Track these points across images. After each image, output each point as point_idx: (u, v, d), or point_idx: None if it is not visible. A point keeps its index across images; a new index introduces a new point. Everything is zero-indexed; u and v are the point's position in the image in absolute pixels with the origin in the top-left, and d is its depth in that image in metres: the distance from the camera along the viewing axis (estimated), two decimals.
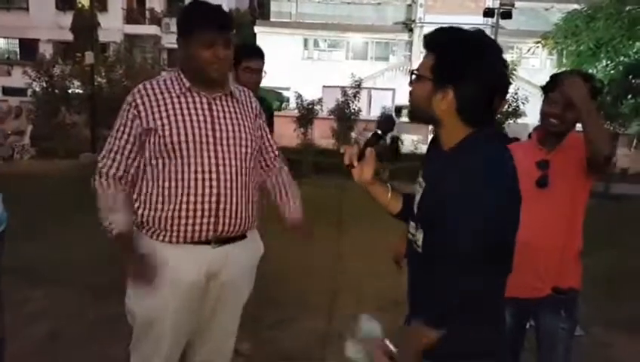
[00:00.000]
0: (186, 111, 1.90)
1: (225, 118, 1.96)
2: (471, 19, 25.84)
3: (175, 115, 1.89)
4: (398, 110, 17.60)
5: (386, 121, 1.61)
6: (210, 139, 1.91)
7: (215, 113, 1.95)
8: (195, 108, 1.92)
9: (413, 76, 1.41)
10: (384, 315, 1.58)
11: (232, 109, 2.00)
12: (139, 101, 1.89)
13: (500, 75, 1.36)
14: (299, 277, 4.47)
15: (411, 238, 1.50)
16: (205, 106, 1.94)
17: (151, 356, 1.99)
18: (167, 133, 1.87)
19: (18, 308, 3.57)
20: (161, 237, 1.91)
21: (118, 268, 2.03)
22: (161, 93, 1.91)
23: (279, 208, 2.22)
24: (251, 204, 2.03)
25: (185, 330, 2.02)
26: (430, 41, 1.39)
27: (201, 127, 1.90)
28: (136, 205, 1.95)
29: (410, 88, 1.42)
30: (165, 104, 1.89)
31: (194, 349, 2.14)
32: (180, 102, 1.91)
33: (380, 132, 1.56)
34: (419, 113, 1.43)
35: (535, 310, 2.25)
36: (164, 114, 1.88)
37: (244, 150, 1.98)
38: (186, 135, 1.87)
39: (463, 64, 1.32)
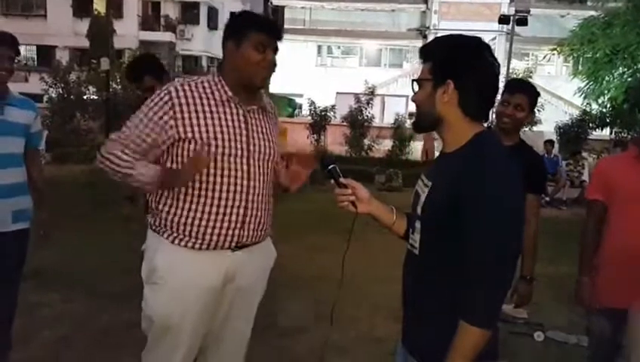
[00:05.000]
0: (224, 123, 1.90)
1: (258, 132, 1.99)
2: (486, 26, 25.87)
3: (213, 124, 1.89)
4: (412, 116, 17.53)
5: (327, 158, 1.64)
6: (245, 153, 1.92)
7: (250, 127, 1.97)
8: (233, 120, 1.93)
9: (415, 85, 1.47)
10: (398, 326, 1.54)
11: (264, 123, 2.03)
12: (175, 101, 1.86)
13: (495, 70, 1.40)
14: (311, 285, 4.43)
15: (411, 243, 1.50)
16: (242, 118, 1.95)
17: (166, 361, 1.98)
18: (204, 141, 1.86)
19: (31, 313, 3.59)
20: (183, 243, 1.91)
21: (131, 274, 2.02)
22: (200, 98, 1.90)
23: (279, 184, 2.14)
24: (270, 213, 2.07)
25: (201, 335, 2.03)
26: (426, 49, 1.47)
27: (237, 140, 1.91)
28: (162, 206, 1.93)
29: (414, 98, 1.47)
30: (204, 111, 1.89)
31: (206, 355, 2.13)
32: (218, 112, 1.91)
33: (330, 167, 1.59)
34: (424, 117, 1.46)
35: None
36: (202, 121, 1.87)
37: (270, 165, 2.03)
38: (223, 147, 1.88)
39: (460, 57, 1.39)
